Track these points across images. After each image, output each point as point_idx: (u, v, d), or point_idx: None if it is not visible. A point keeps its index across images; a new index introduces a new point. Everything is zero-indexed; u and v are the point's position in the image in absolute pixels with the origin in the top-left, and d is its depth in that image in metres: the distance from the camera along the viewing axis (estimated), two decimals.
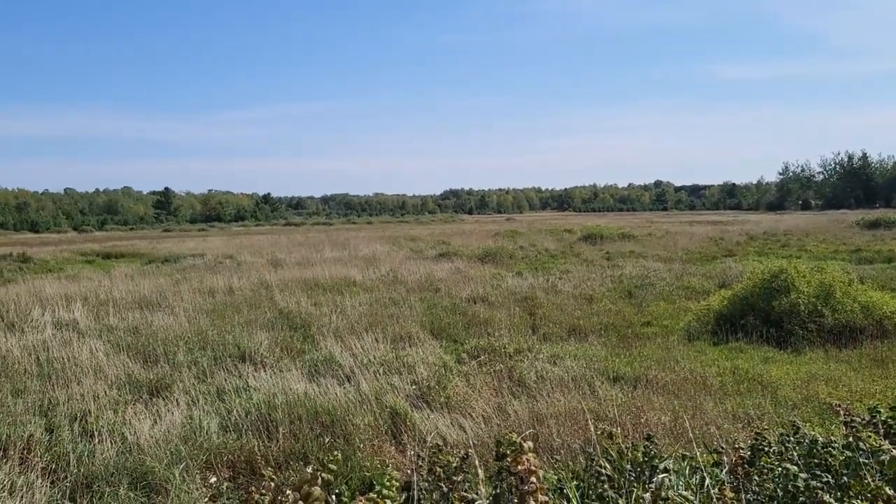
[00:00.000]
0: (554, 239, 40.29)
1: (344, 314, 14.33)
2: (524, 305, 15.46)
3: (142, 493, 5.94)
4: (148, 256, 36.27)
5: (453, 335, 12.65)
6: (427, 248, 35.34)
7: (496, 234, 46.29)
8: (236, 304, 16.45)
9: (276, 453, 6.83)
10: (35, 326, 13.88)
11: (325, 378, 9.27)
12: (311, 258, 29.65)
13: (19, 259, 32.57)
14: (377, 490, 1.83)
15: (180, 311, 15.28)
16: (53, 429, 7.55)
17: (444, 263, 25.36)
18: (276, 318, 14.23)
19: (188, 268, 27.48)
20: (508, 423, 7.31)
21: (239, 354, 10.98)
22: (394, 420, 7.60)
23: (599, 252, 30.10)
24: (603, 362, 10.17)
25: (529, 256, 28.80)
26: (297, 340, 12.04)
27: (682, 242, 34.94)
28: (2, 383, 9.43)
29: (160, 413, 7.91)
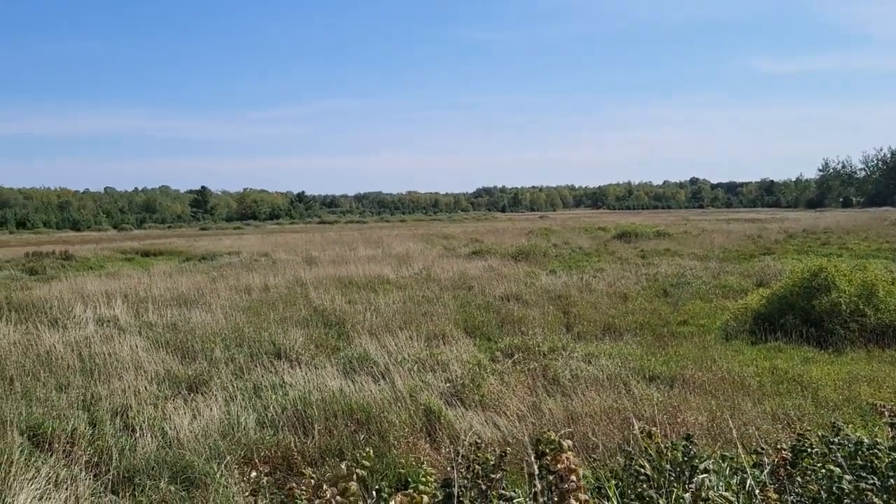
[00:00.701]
0: (588, 237, 40.03)
1: (378, 312, 14.40)
2: (558, 304, 15.39)
3: (182, 486, 6.04)
4: (185, 254, 36.83)
5: (487, 333, 12.64)
6: (460, 246, 35.34)
7: (529, 232, 46.11)
8: (272, 301, 16.62)
9: (312, 450, 6.89)
10: (77, 323, 14.19)
11: (359, 375, 9.33)
12: (344, 256, 29.84)
13: (62, 257, 33.29)
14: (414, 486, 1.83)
15: (217, 308, 15.50)
16: (96, 423, 7.71)
17: (477, 261, 25.34)
18: (311, 316, 14.35)
19: (225, 265, 27.85)
20: (543, 422, 7.28)
21: (275, 351, 11.09)
22: (428, 418, 7.63)
23: (634, 250, 29.83)
24: (638, 361, 10.08)
25: (563, 255, 28.66)
26: (331, 338, 12.13)
27: (718, 240, 34.46)
28: (46, 378, 9.66)
29: (199, 408, 8.03)
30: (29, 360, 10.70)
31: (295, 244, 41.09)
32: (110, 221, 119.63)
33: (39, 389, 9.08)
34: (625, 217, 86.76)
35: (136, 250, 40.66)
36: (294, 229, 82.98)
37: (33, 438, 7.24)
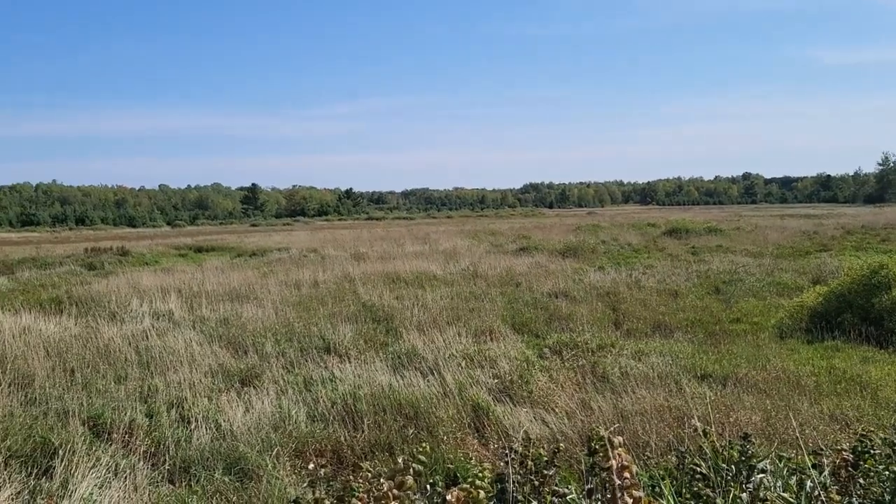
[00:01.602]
0: (637, 233, 39.52)
1: (425, 308, 14.45)
2: (607, 301, 15.24)
3: (235, 478, 6.17)
4: (237, 250, 37.53)
5: (535, 330, 12.58)
6: (507, 242, 35.24)
7: (577, 229, 45.76)
8: (321, 296, 16.82)
9: (362, 443, 6.96)
10: (134, 317, 14.59)
11: (408, 371, 9.39)
12: (392, 252, 30.03)
13: (119, 253, 34.24)
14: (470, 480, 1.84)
15: (268, 303, 15.75)
16: (153, 414, 7.92)
17: (524, 258, 25.26)
18: (359, 311, 14.48)
19: (275, 261, 28.30)
20: (592, 420, 7.22)
21: (324, 346, 11.23)
22: (476, 413, 7.64)
23: (684, 246, 29.35)
24: (689, 359, 9.92)
25: (612, 251, 28.35)
26: (380, 333, 12.22)
27: (772, 237, 33.67)
28: (105, 370, 9.96)
29: (251, 402, 8.18)
30: (89, 353, 11.04)
31: (343, 240, 41.50)
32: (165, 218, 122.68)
33: (99, 381, 9.38)
34: (675, 213, 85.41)
35: (189, 246, 41.57)
36: (342, 226, 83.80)
37: (94, 428, 7.48)
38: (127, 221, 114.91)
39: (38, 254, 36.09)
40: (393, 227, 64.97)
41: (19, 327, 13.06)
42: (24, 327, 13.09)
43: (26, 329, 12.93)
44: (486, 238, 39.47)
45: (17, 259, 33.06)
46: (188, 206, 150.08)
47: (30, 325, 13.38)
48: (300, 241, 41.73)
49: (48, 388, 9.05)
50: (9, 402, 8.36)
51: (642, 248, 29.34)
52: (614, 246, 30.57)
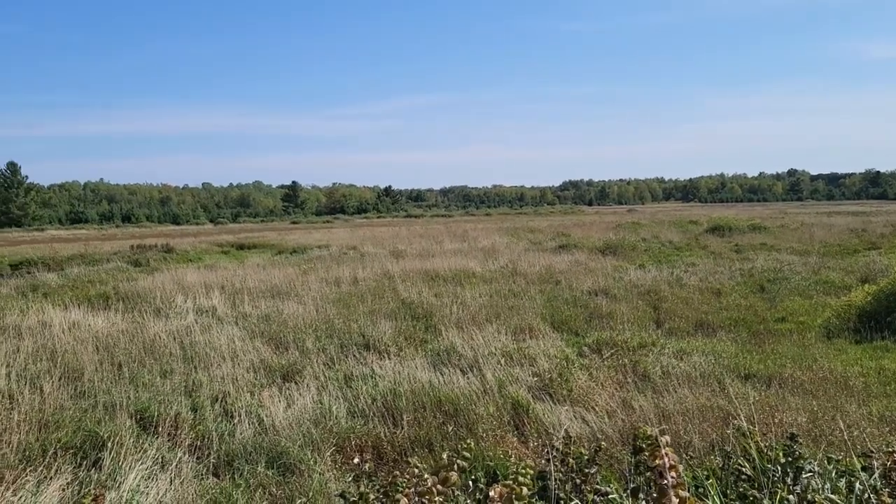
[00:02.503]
0: (678, 231, 38.98)
1: (464, 305, 14.46)
2: (648, 299, 15.07)
3: (278, 472, 6.25)
4: (278, 247, 37.99)
5: (574, 328, 12.50)
6: (546, 239, 35.06)
7: (617, 226, 45.31)
8: (361, 293, 16.94)
9: (402, 440, 7.00)
10: (178, 313, 14.87)
11: (447, 368, 9.41)
12: (431, 250, 30.10)
13: (163, 250, 34.96)
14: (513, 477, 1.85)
15: (308, 300, 15.92)
16: (197, 408, 8.07)
17: (563, 255, 25.10)
18: (398, 308, 14.55)
19: (315, 258, 28.58)
20: (633, 419, 7.16)
21: (364, 343, 11.31)
22: (516, 411, 7.62)
23: (728, 244, 28.86)
24: (733, 359, 9.76)
25: (652, 249, 28.02)
26: (419, 330, 12.27)
27: (819, 234, 32.91)
28: (151, 365, 10.18)
29: (292, 397, 8.29)
30: (135, 347, 11.29)
31: (382, 238, 41.73)
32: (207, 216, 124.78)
33: (145, 375, 9.59)
34: (717, 210, 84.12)
35: (231, 243, 42.21)
36: (381, 223, 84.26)
37: (140, 421, 7.64)
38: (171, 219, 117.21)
39: (87, 251, 37.01)
40: (431, 225, 65.10)
41: (69, 322, 13.42)
42: (74, 322, 13.44)
43: (75, 324, 13.28)
44: (524, 236, 39.33)
45: (66, 256, 33.96)
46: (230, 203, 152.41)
47: (79, 320, 13.73)
48: (340, 239, 42.07)
49: (97, 381, 9.28)
50: (59, 395, 8.59)
51: (684, 246, 28.93)
52: (655, 244, 30.20)
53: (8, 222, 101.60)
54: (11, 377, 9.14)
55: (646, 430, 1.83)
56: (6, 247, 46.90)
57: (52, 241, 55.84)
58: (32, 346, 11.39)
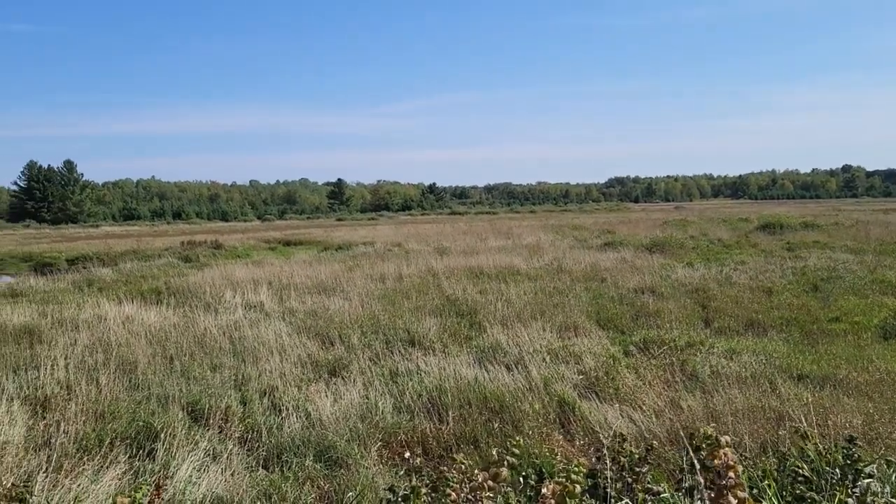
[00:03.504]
0: (727, 228, 38.25)
1: (509, 302, 14.42)
2: (696, 297, 14.82)
3: (325, 465, 6.32)
4: (323, 244, 38.41)
5: (620, 326, 12.37)
6: (591, 237, 34.76)
7: (664, 223, 44.69)
8: (405, 290, 17.02)
9: (447, 436, 7.02)
10: (227, 308, 15.15)
11: (492, 365, 9.40)
12: (475, 247, 30.10)
13: (212, 246, 35.65)
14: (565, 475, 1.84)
15: (354, 296, 16.06)
16: (246, 402, 8.22)
17: (609, 253, 24.85)
18: (443, 305, 14.59)
19: (360, 255, 28.81)
20: (682, 419, 7.05)
21: (409, 339, 11.36)
22: (562, 409, 7.58)
23: (779, 242, 28.20)
24: (785, 359, 9.53)
25: (701, 246, 27.53)
26: (463, 327, 12.28)
27: (875, 232, 31.93)
28: (202, 358, 10.39)
29: (339, 392, 8.37)
30: (186, 341, 11.54)
31: (426, 235, 41.86)
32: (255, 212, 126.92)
33: (196, 368, 9.79)
34: (768, 207, 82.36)
35: (278, 240, 42.82)
36: (425, 220, 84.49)
37: (192, 414, 7.81)
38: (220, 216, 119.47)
39: (139, 246, 37.98)
40: (475, 222, 65.09)
41: (123, 316, 13.78)
42: (128, 316, 13.81)
43: (129, 318, 13.64)
44: (569, 233, 39.06)
45: (119, 251, 34.87)
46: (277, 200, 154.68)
47: (132, 314, 14.10)
48: (384, 236, 42.34)
49: (150, 374, 9.52)
50: (115, 386, 8.83)
51: (733, 244, 28.35)
52: (703, 241, 29.68)
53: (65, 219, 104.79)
54: (69, 369, 9.43)
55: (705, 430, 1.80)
56: (63, 242, 48.40)
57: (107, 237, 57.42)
58: (89, 339, 11.73)
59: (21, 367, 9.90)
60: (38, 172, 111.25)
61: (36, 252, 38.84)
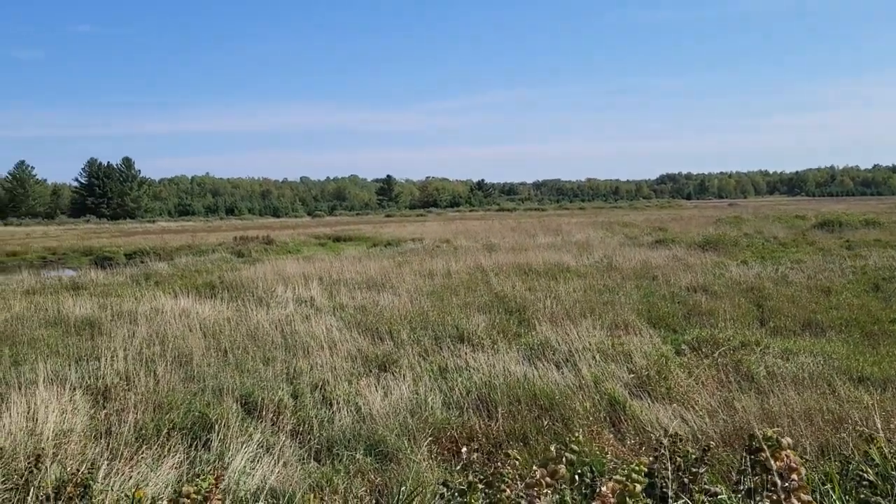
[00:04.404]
0: (783, 226, 37.32)
1: (558, 299, 14.32)
2: (750, 296, 14.49)
3: (375, 459, 6.38)
4: (372, 240, 38.74)
5: (672, 325, 12.18)
6: (642, 234, 34.30)
7: (717, 221, 43.85)
8: (454, 286, 17.05)
9: (496, 432, 7.01)
10: (279, 302, 15.39)
11: (541, 362, 9.36)
12: (523, 243, 29.99)
13: (264, 241, 36.27)
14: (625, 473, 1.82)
15: (403, 292, 16.15)
16: (298, 395, 8.34)
17: (660, 250, 24.49)
18: (491, 302, 14.57)
19: (409, 251, 28.97)
20: (736, 420, 6.92)
21: (458, 335, 11.38)
22: (612, 407, 7.50)
23: (838, 240, 27.39)
24: (844, 360, 9.26)
25: (755, 244, 26.92)
26: (512, 324, 12.24)
27: None
28: (255, 352, 10.58)
29: (389, 387, 8.43)
30: (239, 335, 11.76)
31: (475, 231, 41.86)
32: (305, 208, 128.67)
33: (249, 361, 9.98)
34: (826, 204, 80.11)
35: (328, 236, 43.35)
36: (473, 217, 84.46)
37: (245, 406, 7.96)
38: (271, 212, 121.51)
39: (194, 241, 38.87)
40: (524, 219, 64.83)
41: (179, 309, 14.12)
42: (183, 309, 14.14)
43: (185, 311, 13.96)
44: (620, 230, 38.62)
45: (175, 246, 35.77)
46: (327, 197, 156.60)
47: (187, 307, 14.43)
48: (433, 232, 42.48)
49: (204, 366, 9.73)
50: (171, 378, 9.06)
51: (790, 242, 27.65)
52: (758, 239, 29.01)
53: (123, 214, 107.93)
54: (128, 360, 9.70)
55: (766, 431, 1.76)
56: (122, 237, 49.81)
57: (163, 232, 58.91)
58: (146, 331, 12.06)
59: (83, 358, 10.23)
60: (98, 169, 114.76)
61: (96, 246, 40.09)
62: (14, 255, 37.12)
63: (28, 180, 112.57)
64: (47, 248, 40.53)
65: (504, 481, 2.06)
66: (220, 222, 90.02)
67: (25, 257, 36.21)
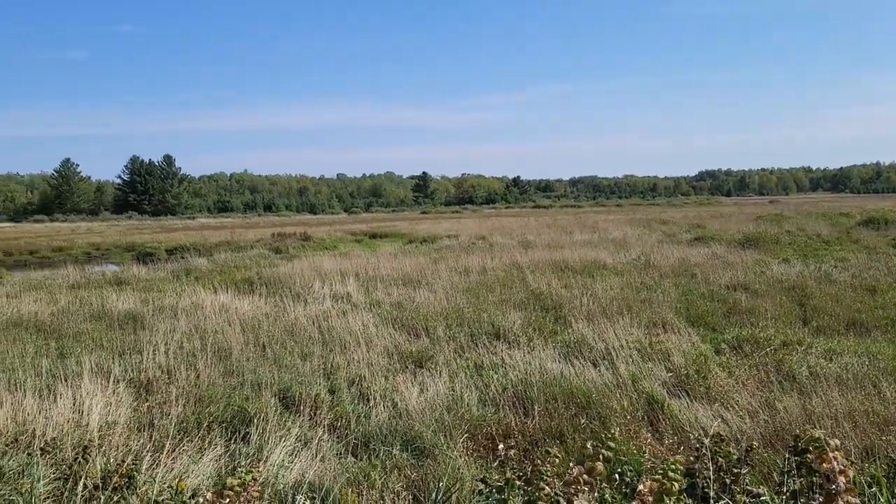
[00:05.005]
0: (827, 223, 36.54)
1: (595, 297, 14.22)
2: (792, 295, 14.21)
3: (412, 454, 6.41)
4: (408, 237, 38.89)
5: (711, 323, 12.00)
6: (681, 231, 33.88)
7: (758, 218, 43.10)
8: (489, 283, 17.03)
9: (532, 430, 6.99)
10: (316, 298, 15.53)
11: (578, 360, 9.30)
12: (560, 241, 29.82)
13: (301, 238, 36.67)
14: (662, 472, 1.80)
15: (439, 288, 16.17)
16: (335, 390, 8.42)
17: (699, 248, 24.15)
18: (527, 299, 14.51)
19: (444, 248, 29.02)
20: (777, 420, 6.80)
21: (493, 332, 11.36)
22: (650, 406, 7.43)
23: (884, 238, 26.72)
24: (890, 361, 9.02)
25: (797, 242, 26.40)
26: (548, 321, 12.19)
27: None
28: (292, 347, 10.69)
29: (425, 383, 8.46)
30: (277, 330, 11.90)
31: (510, 228, 41.76)
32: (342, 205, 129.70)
33: (287, 356, 10.09)
34: (872, 202, 78.17)
35: (364, 232, 43.62)
36: (509, 213, 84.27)
37: (283, 400, 8.06)
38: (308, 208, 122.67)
39: (232, 238, 39.45)
40: (560, 216, 64.47)
41: (218, 304, 14.33)
42: (222, 305, 14.35)
43: (224, 306, 14.17)
44: (657, 227, 38.19)
45: (214, 242, 36.34)
46: (363, 193, 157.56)
47: (227, 303, 14.65)
48: (468, 229, 42.49)
49: (243, 360, 9.87)
50: (211, 372, 9.20)
51: (833, 240, 27.04)
52: (800, 237, 28.44)
53: (164, 210, 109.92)
54: (169, 354, 9.89)
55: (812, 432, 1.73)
56: (163, 233, 50.76)
57: (202, 228, 59.87)
58: (186, 325, 12.27)
59: (126, 352, 10.46)
60: (139, 167, 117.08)
61: (138, 242, 40.93)
62: (60, 251, 38.10)
63: (73, 178, 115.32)
64: (91, 244, 41.52)
65: (542, 479, 2.06)
66: (258, 219, 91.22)
67: (70, 253, 37.16)
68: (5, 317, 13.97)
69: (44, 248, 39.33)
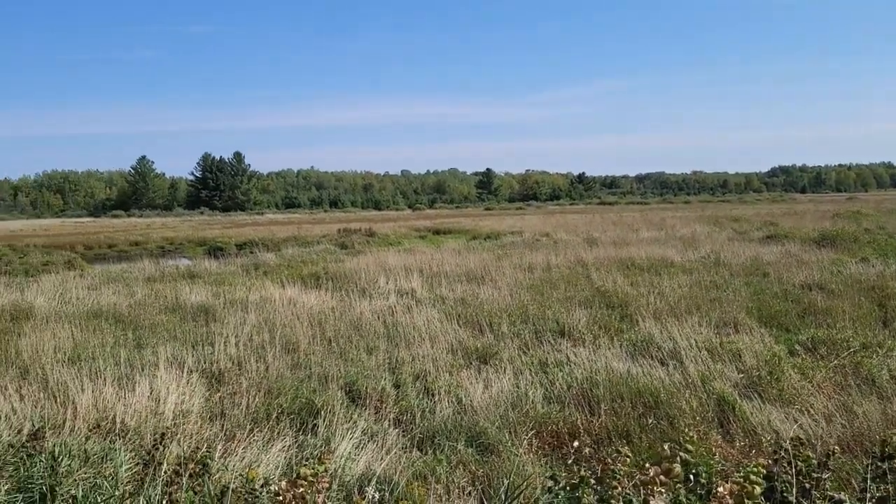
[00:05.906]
0: None
1: (662, 295, 13.96)
2: (872, 296, 13.63)
3: (476, 450, 6.42)
4: (472, 233, 38.91)
5: (784, 324, 11.63)
6: (752, 229, 32.92)
7: (835, 216, 41.52)
8: (553, 280, 16.90)
9: (598, 429, 6.91)
10: (381, 293, 15.71)
11: (644, 359, 9.16)
12: (625, 238, 29.37)
13: (366, 234, 37.13)
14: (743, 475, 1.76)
15: (503, 285, 16.14)
16: (399, 385, 8.49)
17: (772, 246, 23.43)
18: (592, 296, 14.35)
19: (508, 244, 28.93)
20: (855, 425, 6.55)
21: (558, 329, 11.28)
22: (720, 408, 7.25)
23: None
24: None
25: (878, 241, 25.31)
26: (614, 319, 12.02)
27: None
28: (358, 341, 10.84)
29: (489, 379, 8.46)
30: (343, 324, 12.08)
31: (575, 225, 41.34)
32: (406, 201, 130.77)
33: (352, 351, 10.23)
34: None
35: (428, 229, 43.89)
36: (574, 210, 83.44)
37: (349, 394, 8.18)
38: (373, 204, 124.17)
39: (299, 233, 40.23)
40: (626, 213, 63.48)
41: (286, 298, 14.64)
42: (290, 299, 14.65)
43: (292, 301, 14.47)
44: (727, 224, 37.22)
45: (282, 238, 37.12)
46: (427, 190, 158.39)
47: (294, 297, 14.95)
48: (532, 226, 42.25)
49: (310, 354, 10.05)
50: (279, 364, 9.41)
51: None
52: (881, 235, 27.27)
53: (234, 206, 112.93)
54: (239, 346, 10.15)
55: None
56: (233, 228, 52.15)
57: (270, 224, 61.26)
58: (256, 319, 12.57)
59: (198, 343, 10.78)
60: (211, 163, 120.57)
61: (209, 237, 42.14)
62: (136, 245, 39.59)
63: (149, 174, 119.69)
64: (165, 239, 43.00)
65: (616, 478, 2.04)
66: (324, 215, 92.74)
67: (146, 247, 38.54)
68: (87, 308, 14.57)
69: (121, 242, 40.94)
